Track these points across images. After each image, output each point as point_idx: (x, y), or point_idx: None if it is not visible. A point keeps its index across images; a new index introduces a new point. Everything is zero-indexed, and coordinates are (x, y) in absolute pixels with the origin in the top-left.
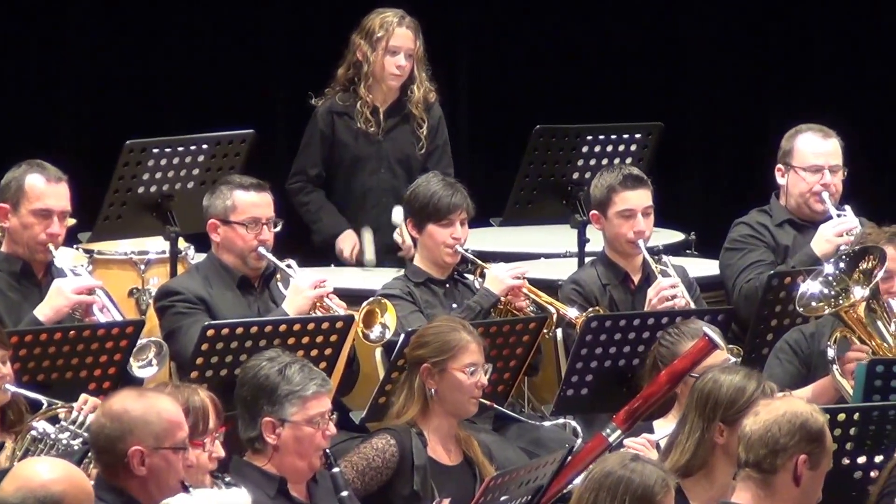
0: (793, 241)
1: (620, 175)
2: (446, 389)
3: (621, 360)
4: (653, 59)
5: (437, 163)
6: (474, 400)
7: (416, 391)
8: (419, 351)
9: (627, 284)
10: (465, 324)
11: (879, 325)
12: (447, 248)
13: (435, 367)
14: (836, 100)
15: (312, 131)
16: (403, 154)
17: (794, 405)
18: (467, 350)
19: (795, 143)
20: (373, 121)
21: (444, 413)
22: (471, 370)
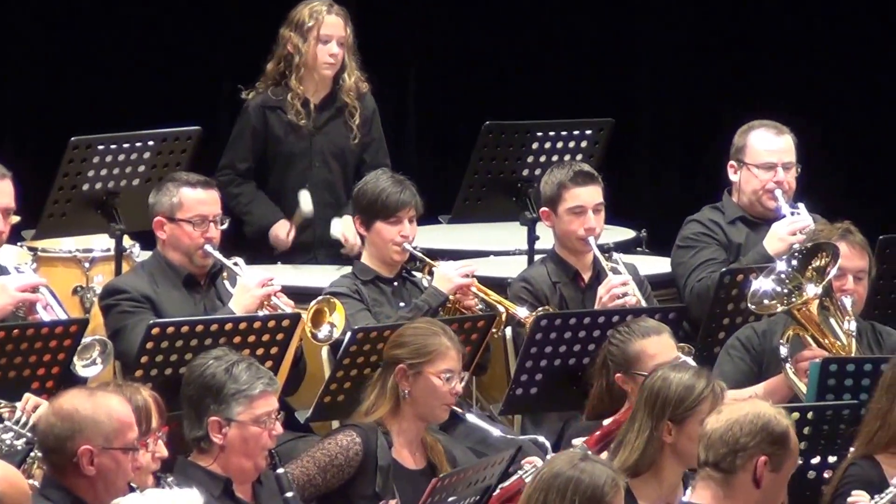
0: (745, 239)
1: (571, 171)
2: (419, 393)
3: (571, 359)
4: (603, 55)
5: (373, 155)
6: (446, 407)
7: (388, 390)
8: (396, 350)
9: (578, 282)
10: (446, 329)
11: (832, 323)
12: (395, 245)
13: (411, 369)
14: (790, 96)
15: (243, 126)
16: (338, 147)
17: (759, 406)
18: (446, 356)
19: (748, 139)
20: (303, 113)
21: (414, 416)
22: (447, 376)
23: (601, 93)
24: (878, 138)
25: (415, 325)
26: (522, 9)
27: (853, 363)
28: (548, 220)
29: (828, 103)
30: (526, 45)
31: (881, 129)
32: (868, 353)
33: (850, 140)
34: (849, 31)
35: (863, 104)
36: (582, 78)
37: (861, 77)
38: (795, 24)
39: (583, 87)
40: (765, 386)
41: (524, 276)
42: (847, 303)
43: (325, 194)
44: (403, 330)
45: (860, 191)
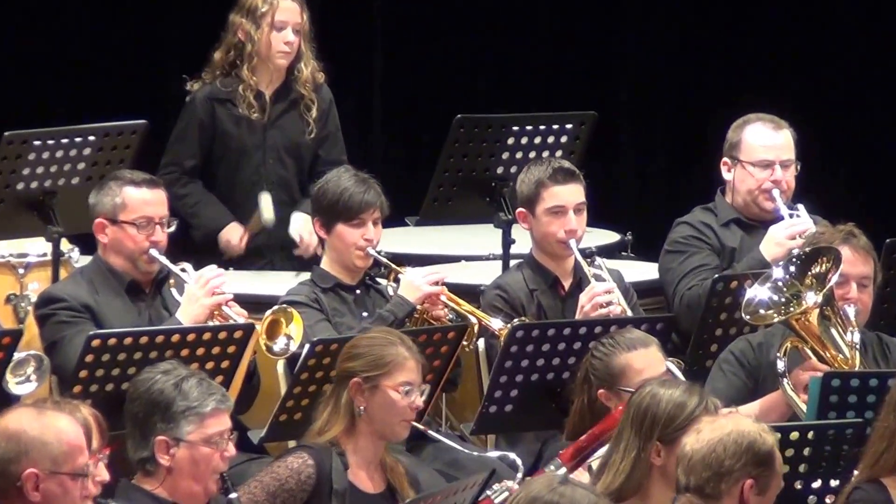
0: (740, 243)
1: (550, 169)
2: (376, 408)
3: (550, 374)
4: (585, 43)
5: (329, 151)
6: (406, 423)
7: (342, 407)
8: (350, 363)
9: (557, 290)
10: (404, 338)
11: (834, 335)
12: (358, 250)
13: (366, 382)
14: (788, 87)
15: (189, 119)
16: (292, 142)
17: (741, 423)
18: (404, 367)
19: (743, 134)
20: (257, 106)
21: (371, 434)
22: (406, 389)
23: (582, 84)
24: (884, 133)
25: (369, 336)
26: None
27: (857, 378)
28: (524, 222)
29: (829, 95)
30: (501, 31)
31: (887, 124)
32: (873, 366)
33: (854, 135)
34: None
35: (867, 96)
36: (562, 68)
37: (864, 67)
38: (791, 10)
39: (563, 78)
40: (761, 403)
41: (498, 283)
42: (850, 312)
43: (279, 192)
44: (357, 341)
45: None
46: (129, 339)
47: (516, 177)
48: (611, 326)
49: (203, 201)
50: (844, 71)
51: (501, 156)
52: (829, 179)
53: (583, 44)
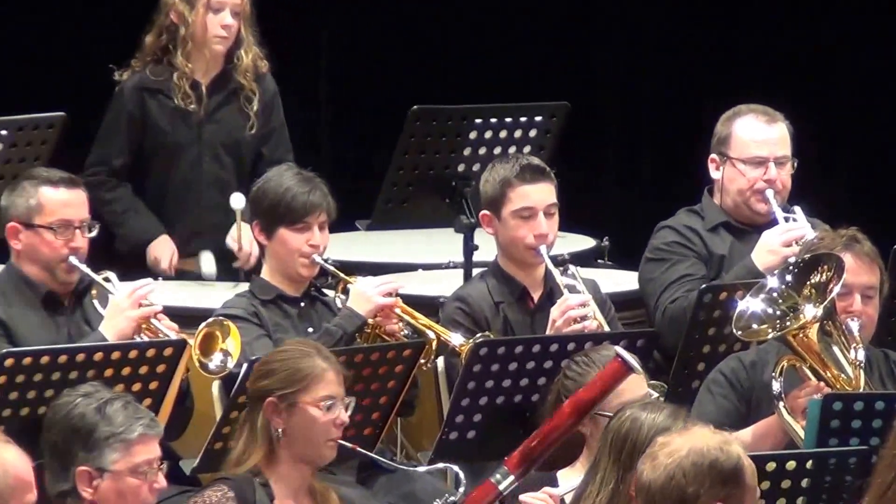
0: (729, 250)
1: (517, 166)
2: (297, 429)
3: (517, 396)
4: (558, 27)
5: (273, 149)
6: (332, 443)
7: (258, 432)
8: (263, 382)
9: (525, 302)
10: (319, 348)
11: (836, 352)
12: (302, 257)
13: (282, 401)
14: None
15: (116, 113)
16: (231, 138)
17: (697, 440)
18: (322, 380)
19: (733, 128)
20: (193, 97)
21: (295, 459)
22: (327, 404)
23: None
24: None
25: (281, 349)
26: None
27: (861, 400)
28: (489, 226)
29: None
30: (465, 13)
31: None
32: (879, 387)
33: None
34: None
35: (871, 86)
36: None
37: (868, 54)
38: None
39: (533, 65)
40: (754, 429)
41: (460, 294)
42: (854, 327)
43: (216, 194)
44: (270, 356)
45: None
46: (45, 358)
47: (479, 175)
48: (585, 343)
49: (131, 209)
50: (845, 59)
51: (463, 152)
52: (830, 179)
53: (557, 27)
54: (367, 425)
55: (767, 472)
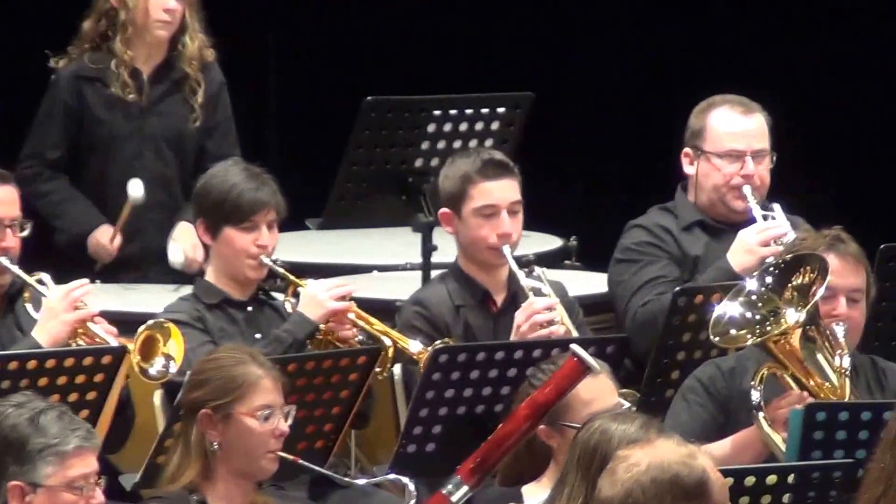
0: (704, 250)
1: (479, 161)
2: (233, 442)
3: (479, 406)
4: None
5: (218, 143)
6: (272, 455)
7: (193, 446)
8: (195, 393)
9: (488, 306)
10: (253, 353)
11: (819, 359)
12: (250, 258)
13: (216, 412)
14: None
15: (52, 103)
16: (174, 131)
17: (658, 454)
18: (258, 388)
19: (708, 120)
20: (132, 86)
21: (233, 473)
22: (264, 414)
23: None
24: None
25: (213, 357)
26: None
27: (847, 410)
28: (448, 225)
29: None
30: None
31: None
32: (867, 396)
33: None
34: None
35: (855, 76)
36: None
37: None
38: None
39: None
40: (732, 441)
41: (418, 298)
42: (839, 332)
43: (157, 191)
44: (201, 364)
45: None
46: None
47: (438, 171)
48: (552, 349)
49: (69, 199)
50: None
51: (420, 145)
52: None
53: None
54: (319, 438)
55: (747, 486)
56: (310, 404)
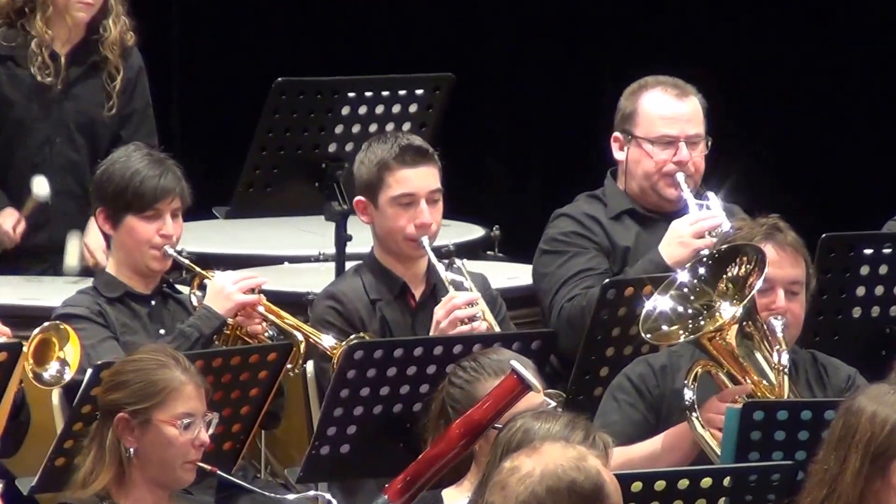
0: (635, 241)
1: (396, 147)
2: (150, 449)
3: (397, 405)
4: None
5: (134, 132)
6: (190, 466)
7: (107, 451)
8: (114, 395)
9: (406, 300)
10: (178, 357)
11: (757, 356)
12: (153, 249)
13: (134, 417)
14: (694, 47)
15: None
16: (87, 117)
17: (551, 460)
18: (181, 394)
19: (640, 103)
20: (52, 68)
21: (147, 482)
22: (185, 423)
23: (437, 39)
24: (817, 104)
25: (135, 358)
26: None
27: (785, 409)
28: (364, 214)
29: (745, 57)
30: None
31: (820, 92)
32: (807, 394)
33: (779, 106)
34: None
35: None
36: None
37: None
38: None
39: (414, 33)
40: (663, 441)
41: (331, 291)
42: (777, 326)
43: (67, 180)
44: (122, 366)
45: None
46: None
47: (353, 157)
48: (473, 345)
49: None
50: (766, 25)
51: (334, 129)
52: (748, 160)
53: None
54: (227, 439)
55: (680, 490)
56: (217, 404)
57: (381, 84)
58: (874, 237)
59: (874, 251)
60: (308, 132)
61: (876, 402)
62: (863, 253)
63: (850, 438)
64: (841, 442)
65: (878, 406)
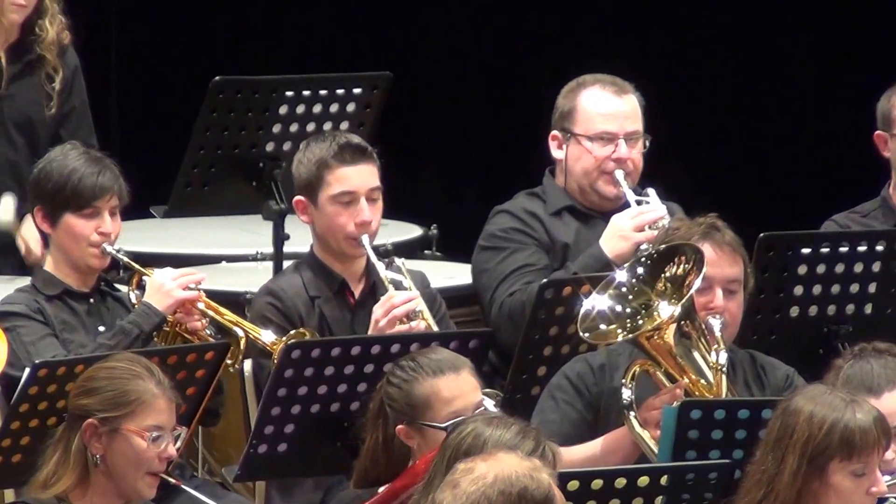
0: (574, 237)
1: (335, 145)
2: (116, 457)
3: (334, 404)
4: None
5: (73, 130)
6: (152, 479)
7: (73, 454)
8: (84, 400)
9: (345, 297)
10: (153, 369)
11: (695, 355)
12: (91, 247)
13: (104, 424)
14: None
15: None
16: (25, 117)
17: (506, 466)
18: (152, 407)
19: (578, 101)
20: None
21: (108, 490)
22: (154, 435)
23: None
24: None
25: (109, 366)
26: None
27: (723, 408)
28: (303, 213)
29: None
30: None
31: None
32: (745, 393)
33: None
34: None
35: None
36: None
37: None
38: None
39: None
40: (603, 442)
41: (270, 288)
42: (715, 326)
43: (6, 180)
44: (95, 371)
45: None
46: None
47: (291, 155)
48: (412, 345)
49: None
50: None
51: (272, 128)
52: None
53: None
54: None
55: (617, 489)
56: None
57: (319, 83)
58: (812, 236)
59: (812, 250)
60: (246, 131)
61: (813, 402)
62: (801, 252)
63: (787, 439)
64: (778, 442)
65: (816, 406)
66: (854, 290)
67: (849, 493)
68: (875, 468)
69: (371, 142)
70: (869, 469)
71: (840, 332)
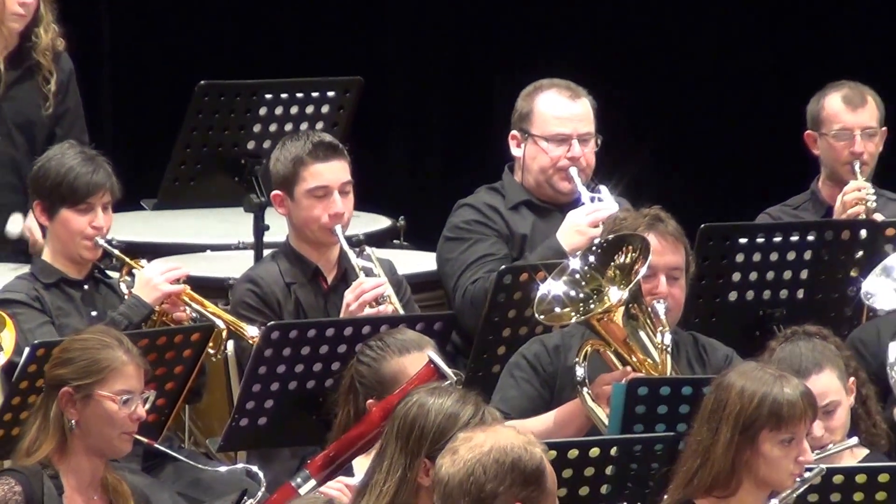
0: (532, 229)
1: (309, 143)
2: (91, 421)
3: (310, 381)
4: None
5: (67, 129)
6: (127, 436)
7: (51, 422)
8: (60, 370)
9: (319, 283)
10: (121, 338)
11: (642, 336)
12: (85, 239)
13: (78, 392)
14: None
15: None
16: (25, 118)
17: (502, 437)
18: (121, 373)
19: (535, 104)
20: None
21: (87, 451)
22: (124, 399)
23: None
24: (697, 103)
25: (82, 338)
26: None
27: (668, 385)
28: (281, 206)
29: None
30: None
31: (699, 93)
32: (687, 371)
33: (662, 106)
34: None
35: (677, 59)
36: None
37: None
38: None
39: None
40: (556, 414)
41: (250, 275)
42: (660, 309)
43: (8, 176)
44: (68, 344)
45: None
46: None
47: (270, 153)
48: (381, 326)
49: None
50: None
51: (252, 128)
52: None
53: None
54: (152, 412)
55: (569, 459)
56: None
57: (295, 86)
58: (749, 227)
59: (749, 240)
60: (229, 131)
61: (744, 377)
62: (738, 242)
63: (721, 411)
64: (713, 415)
65: (747, 381)
66: (787, 277)
67: (777, 461)
68: (802, 438)
69: (343, 140)
70: (797, 439)
71: (775, 315)
